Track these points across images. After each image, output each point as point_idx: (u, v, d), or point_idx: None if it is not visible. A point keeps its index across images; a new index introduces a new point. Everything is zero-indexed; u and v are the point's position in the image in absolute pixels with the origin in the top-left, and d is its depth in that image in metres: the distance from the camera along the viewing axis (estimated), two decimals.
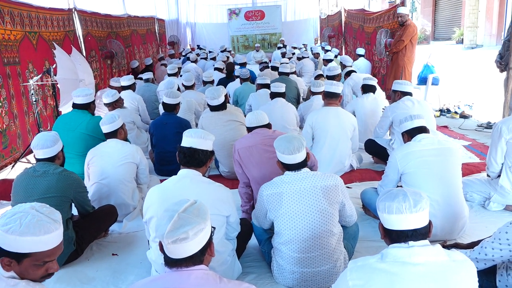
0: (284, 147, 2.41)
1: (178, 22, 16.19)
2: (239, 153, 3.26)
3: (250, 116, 3.39)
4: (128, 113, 5.19)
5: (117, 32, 9.74)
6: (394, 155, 3.01)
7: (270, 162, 3.12)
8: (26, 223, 1.53)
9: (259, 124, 3.33)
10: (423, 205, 1.61)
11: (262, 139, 3.22)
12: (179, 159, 2.46)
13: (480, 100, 7.44)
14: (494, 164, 3.39)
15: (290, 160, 2.42)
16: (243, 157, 3.24)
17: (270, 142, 3.19)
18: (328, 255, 2.42)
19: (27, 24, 5.71)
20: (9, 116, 5.12)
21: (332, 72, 6.27)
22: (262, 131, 3.29)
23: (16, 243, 1.51)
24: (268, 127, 3.37)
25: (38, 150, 2.87)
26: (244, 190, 3.39)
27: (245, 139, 3.32)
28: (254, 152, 3.19)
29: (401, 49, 6.88)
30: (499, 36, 16.40)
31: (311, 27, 17.39)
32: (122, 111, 5.00)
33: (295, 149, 2.39)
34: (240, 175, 3.36)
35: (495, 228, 2.19)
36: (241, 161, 3.26)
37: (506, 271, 2.14)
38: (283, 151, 2.42)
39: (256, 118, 3.34)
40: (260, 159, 3.16)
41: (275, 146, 2.49)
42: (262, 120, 3.34)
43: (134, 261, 2.96)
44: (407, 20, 6.91)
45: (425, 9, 22.96)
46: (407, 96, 4.39)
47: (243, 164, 3.25)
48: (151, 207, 2.36)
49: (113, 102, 4.95)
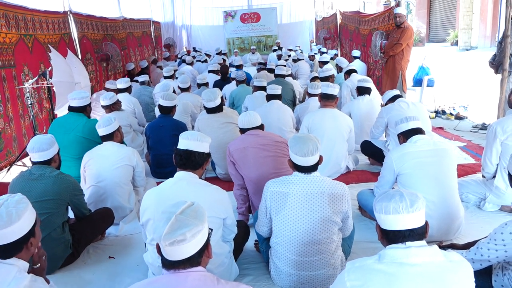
0: (298, 148, 2.32)
1: (174, 24, 16.20)
2: (233, 154, 3.26)
3: (242, 117, 3.38)
4: (125, 116, 5.18)
5: (113, 34, 9.73)
6: (390, 156, 3.02)
7: (266, 161, 3.13)
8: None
9: (252, 126, 3.33)
10: (420, 205, 1.62)
11: (256, 139, 3.23)
12: (176, 161, 2.45)
13: (475, 101, 7.48)
14: (489, 165, 3.41)
15: (302, 162, 2.34)
16: (238, 159, 3.24)
17: (264, 141, 3.20)
18: (326, 260, 2.41)
19: (22, 27, 5.70)
20: (4, 119, 5.10)
21: (325, 73, 6.28)
22: (255, 132, 3.30)
23: None
24: (260, 129, 3.37)
25: (34, 153, 2.86)
26: (239, 192, 3.38)
27: (239, 141, 3.32)
28: (249, 153, 3.19)
29: (398, 52, 6.86)
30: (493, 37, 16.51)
31: (307, 29, 17.43)
32: (119, 114, 5.00)
33: (309, 152, 2.31)
34: (234, 177, 3.36)
35: (490, 228, 2.21)
36: (235, 162, 3.26)
37: (501, 271, 2.15)
38: (297, 152, 2.33)
39: (249, 119, 3.34)
40: (255, 159, 3.16)
41: (289, 145, 2.40)
42: (255, 122, 3.35)
43: (131, 264, 2.95)
44: (405, 21, 6.89)
45: (420, 11, 23.07)
46: (401, 98, 4.44)
47: (238, 166, 3.25)
48: (148, 210, 2.35)
49: (110, 104, 4.93)
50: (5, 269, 1.68)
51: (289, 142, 2.43)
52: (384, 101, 4.77)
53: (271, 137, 3.29)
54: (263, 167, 3.12)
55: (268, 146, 3.20)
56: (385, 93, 4.78)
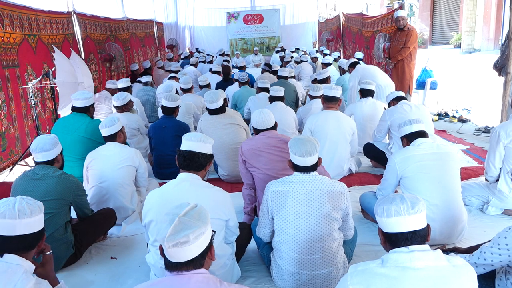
0: (297, 149, 2.41)
1: (177, 25, 16.22)
2: (245, 153, 3.27)
3: (256, 117, 3.36)
4: (135, 119, 5.16)
5: (116, 35, 9.75)
6: (393, 159, 3.02)
7: (278, 164, 3.12)
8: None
9: (266, 127, 3.34)
10: (420, 207, 1.63)
11: (270, 141, 3.23)
12: (179, 162, 2.45)
13: (478, 104, 7.47)
14: (492, 168, 3.40)
15: (300, 162, 2.42)
16: (249, 157, 3.25)
17: (278, 143, 3.20)
18: (328, 259, 2.42)
19: (26, 27, 5.72)
20: (8, 119, 5.12)
21: (323, 75, 6.27)
22: (269, 133, 3.31)
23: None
24: (274, 129, 3.38)
25: (37, 153, 2.87)
26: (247, 192, 3.39)
27: (253, 141, 3.33)
28: (261, 154, 3.19)
29: (406, 56, 6.85)
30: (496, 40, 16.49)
31: (310, 31, 17.41)
32: (130, 116, 5.03)
33: (307, 153, 2.39)
34: (244, 176, 3.37)
35: (493, 232, 2.20)
36: (247, 161, 3.27)
37: (505, 275, 2.14)
38: (295, 152, 2.42)
39: (263, 120, 3.34)
40: (268, 161, 3.17)
41: (289, 145, 2.49)
42: (269, 123, 3.35)
43: (133, 264, 2.96)
44: (407, 23, 6.88)
45: (423, 14, 23.06)
46: (404, 100, 4.42)
47: (249, 164, 3.26)
48: (151, 211, 2.35)
49: (123, 105, 4.94)
50: (11, 270, 1.70)
51: (289, 143, 2.51)
52: (387, 100, 4.76)
53: (284, 139, 3.28)
54: (275, 168, 3.14)
55: (281, 148, 3.19)
56: (388, 94, 4.77)
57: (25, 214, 1.78)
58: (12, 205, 1.78)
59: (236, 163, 4.24)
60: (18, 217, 1.76)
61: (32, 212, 1.81)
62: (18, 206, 1.79)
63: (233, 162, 4.26)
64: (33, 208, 1.82)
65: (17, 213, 1.77)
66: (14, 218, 1.76)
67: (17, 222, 1.76)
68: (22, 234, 1.78)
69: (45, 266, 1.98)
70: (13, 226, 1.76)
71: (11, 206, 1.78)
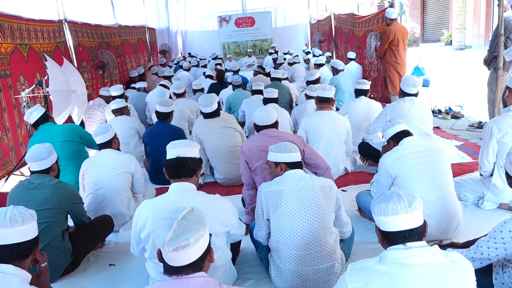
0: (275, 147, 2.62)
1: (169, 30, 16.23)
2: (246, 153, 3.29)
3: (258, 113, 3.39)
4: (134, 120, 5.32)
5: (108, 42, 9.73)
6: (384, 162, 3.02)
7: None
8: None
9: (266, 124, 3.37)
10: (417, 205, 1.64)
11: (270, 139, 3.24)
12: (168, 172, 2.35)
13: (471, 100, 7.52)
14: (486, 163, 3.43)
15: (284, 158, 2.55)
16: (251, 158, 3.26)
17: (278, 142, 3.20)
18: (326, 254, 2.43)
19: (18, 37, 5.70)
20: (1, 129, 5.10)
21: (312, 77, 6.29)
22: (269, 132, 3.33)
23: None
24: (275, 126, 3.40)
25: (32, 162, 2.86)
26: (248, 192, 3.41)
27: (253, 140, 3.35)
28: (263, 153, 3.19)
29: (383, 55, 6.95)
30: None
31: (302, 32, 17.46)
32: (127, 118, 5.18)
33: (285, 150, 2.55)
34: (245, 176, 3.39)
35: (489, 226, 2.22)
36: (248, 161, 3.28)
37: (502, 269, 2.16)
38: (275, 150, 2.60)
39: (263, 116, 3.36)
40: None
41: (269, 148, 2.66)
42: (270, 119, 3.37)
43: (132, 271, 2.95)
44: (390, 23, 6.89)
45: (414, 12, 23.20)
46: (410, 96, 4.31)
47: (251, 165, 3.28)
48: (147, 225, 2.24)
49: (121, 108, 5.08)
50: (8, 280, 1.68)
51: (269, 147, 2.66)
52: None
53: (284, 137, 3.29)
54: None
55: None
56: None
57: (17, 222, 1.77)
58: (3, 214, 1.78)
59: (232, 166, 4.25)
60: (10, 226, 1.76)
61: (24, 220, 1.80)
62: (9, 214, 1.78)
63: (229, 165, 4.27)
64: (25, 216, 1.82)
65: (9, 221, 1.76)
66: (6, 227, 1.75)
67: (9, 230, 1.76)
68: (15, 243, 1.77)
69: (40, 277, 1.95)
70: (5, 235, 1.75)
71: (2, 215, 1.77)
